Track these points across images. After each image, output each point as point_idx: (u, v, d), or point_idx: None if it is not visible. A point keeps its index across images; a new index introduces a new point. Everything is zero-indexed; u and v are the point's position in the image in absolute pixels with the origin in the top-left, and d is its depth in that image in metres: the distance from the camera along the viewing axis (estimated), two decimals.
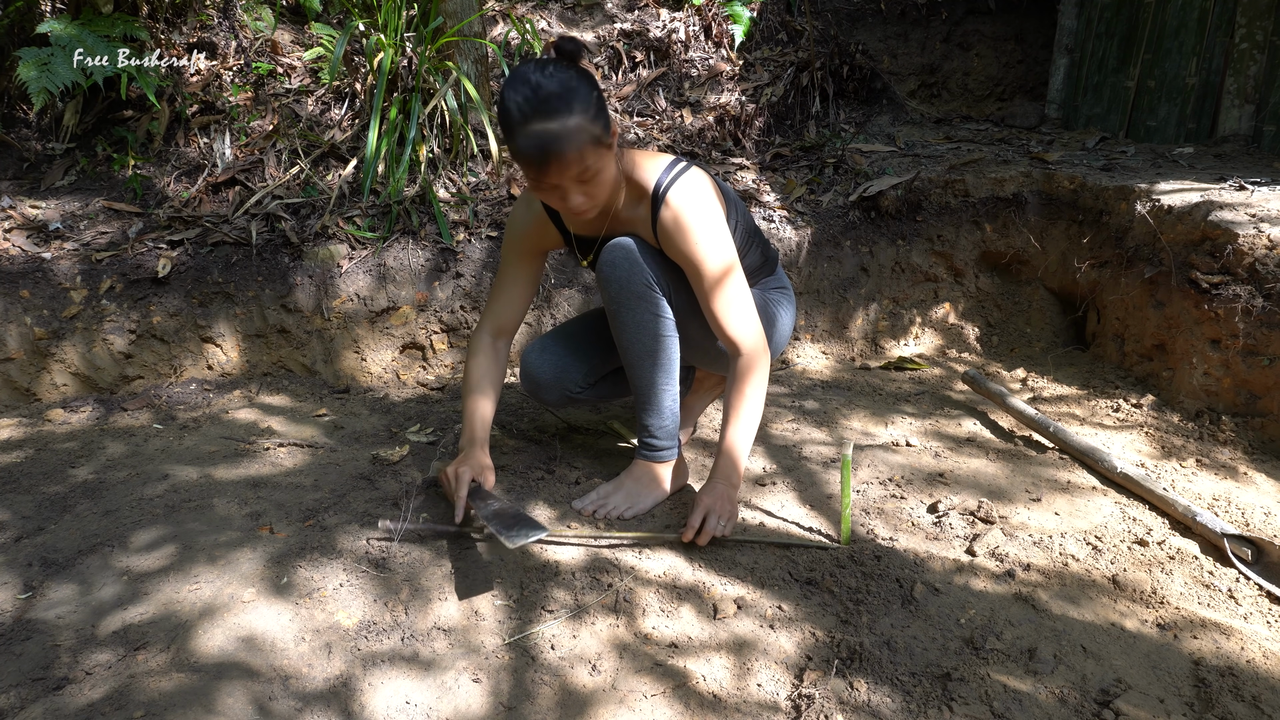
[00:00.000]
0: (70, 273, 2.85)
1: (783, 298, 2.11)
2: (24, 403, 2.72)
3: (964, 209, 3.24)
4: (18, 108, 3.35)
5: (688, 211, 1.72)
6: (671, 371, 1.86)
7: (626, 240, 1.78)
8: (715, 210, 1.77)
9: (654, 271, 1.78)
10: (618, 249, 1.77)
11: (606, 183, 1.64)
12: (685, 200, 1.73)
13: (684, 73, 3.98)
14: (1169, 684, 1.39)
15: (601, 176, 1.62)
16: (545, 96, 1.53)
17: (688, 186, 1.74)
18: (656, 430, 1.89)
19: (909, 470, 2.09)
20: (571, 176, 1.59)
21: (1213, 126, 3.70)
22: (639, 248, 1.77)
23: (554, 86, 1.54)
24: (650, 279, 1.77)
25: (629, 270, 1.76)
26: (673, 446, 1.92)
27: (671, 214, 1.72)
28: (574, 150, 1.55)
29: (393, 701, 1.36)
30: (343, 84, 3.49)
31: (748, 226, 1.96)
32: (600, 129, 1.59)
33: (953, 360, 3.10)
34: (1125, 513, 1.91)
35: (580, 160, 1.57)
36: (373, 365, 2.96)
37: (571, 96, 1.55)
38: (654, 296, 1.79)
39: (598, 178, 1.62)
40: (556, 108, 1.53)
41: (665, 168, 1.76)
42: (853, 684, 1.39)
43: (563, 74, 1.56)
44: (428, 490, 1.94)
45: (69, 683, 1.36)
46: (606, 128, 1.61)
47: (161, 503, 1.88)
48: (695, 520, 1.69)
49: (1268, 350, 2.30)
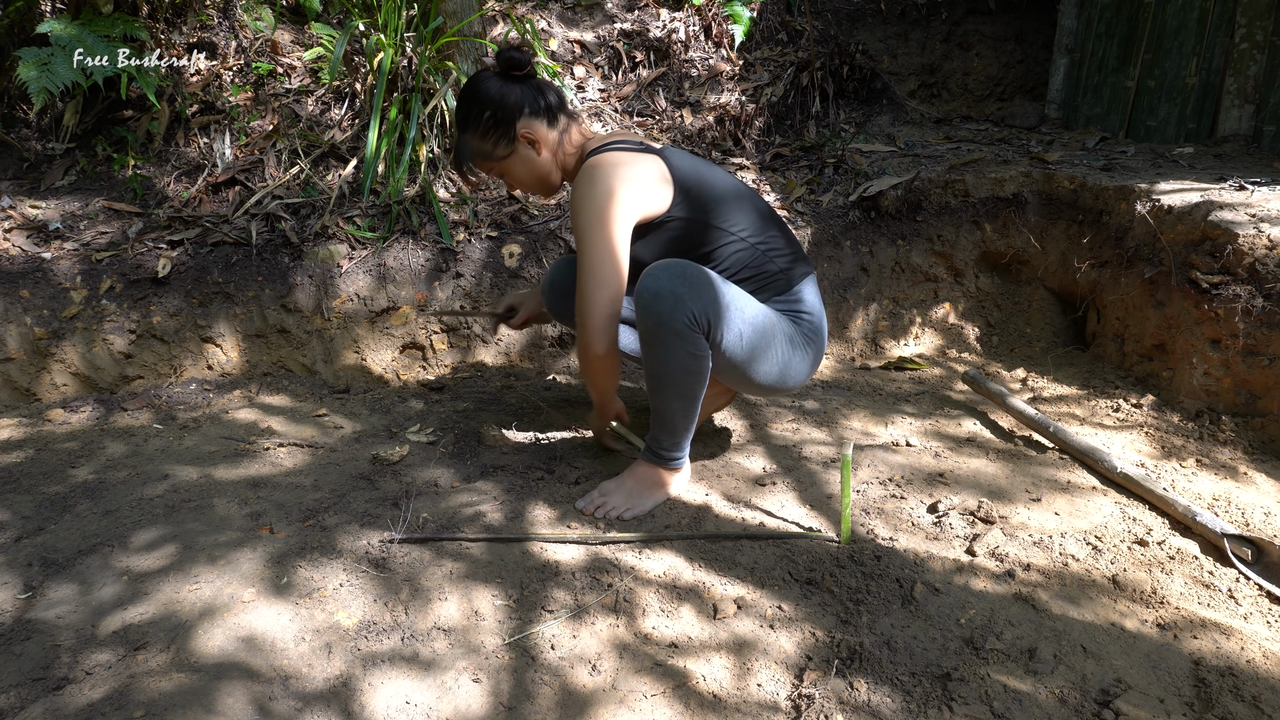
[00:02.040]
0: (70, 273, 2.85)
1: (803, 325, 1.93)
2: (24, 403, 2.72)
3: (964, 209, 3.24)
4: (18, 108, 3.35)
5: (581, 181, 1.81)
6: (694, 400, 1.82)
7: (684, 267, 1.72)
8: (611, 187, 1.75)
9: (707, 304, 1.71)
10: (671, 277, 1.71)
11: (521, 177, 1.94)
12: (586, 171, 1.81)
13: (684, 73, 3.98)
14: (1169, 684, 1.39)
15: (512, 175, 1.94)
16: (455, 109, 1.94)
17: (596, 163, 1.81)
18: (666, 444, 1.88)
19: (909, 470, 2.09)
20: (486, 172, 1.96)
21: (1213, 126, 3.70)
22: (698, 275, 1.72)
23: (461, 106, 1.90)
24: (693, 315, 1.70)
25: (673, 306, 1.69)
26: (680, 458, 1.91)
27: (575, 182, 1.86)
28: (466, 160, 1.93)
29: (393, 701, 1.36)
30: (343, 84, 3.49)
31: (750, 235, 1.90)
32: (490, 144, 1.88)
33: (953, 360, 3.10)
34: (1125, 513, 1.91)
35: (476, 168, 1.95)
36: (373, 365, 2.96)
37: (465, 118, 1.89)
38: (692, 334, 1.72)
39: (508, 175, 1.95)
40: (457, 122, 1.92)
41: (605, 144, 1.88)
42: (853, 684, 1.39)
43: (471, 90, 1.87)
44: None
45: (69, 683, 1.36)
46: (501, 142, 1.88)
47: (161, 503, 1.88)
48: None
49: (1268, 350, 2.30)
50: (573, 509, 1.88)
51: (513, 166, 1.92)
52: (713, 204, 1.88)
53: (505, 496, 1.94)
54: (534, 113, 1.89)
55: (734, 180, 1.97)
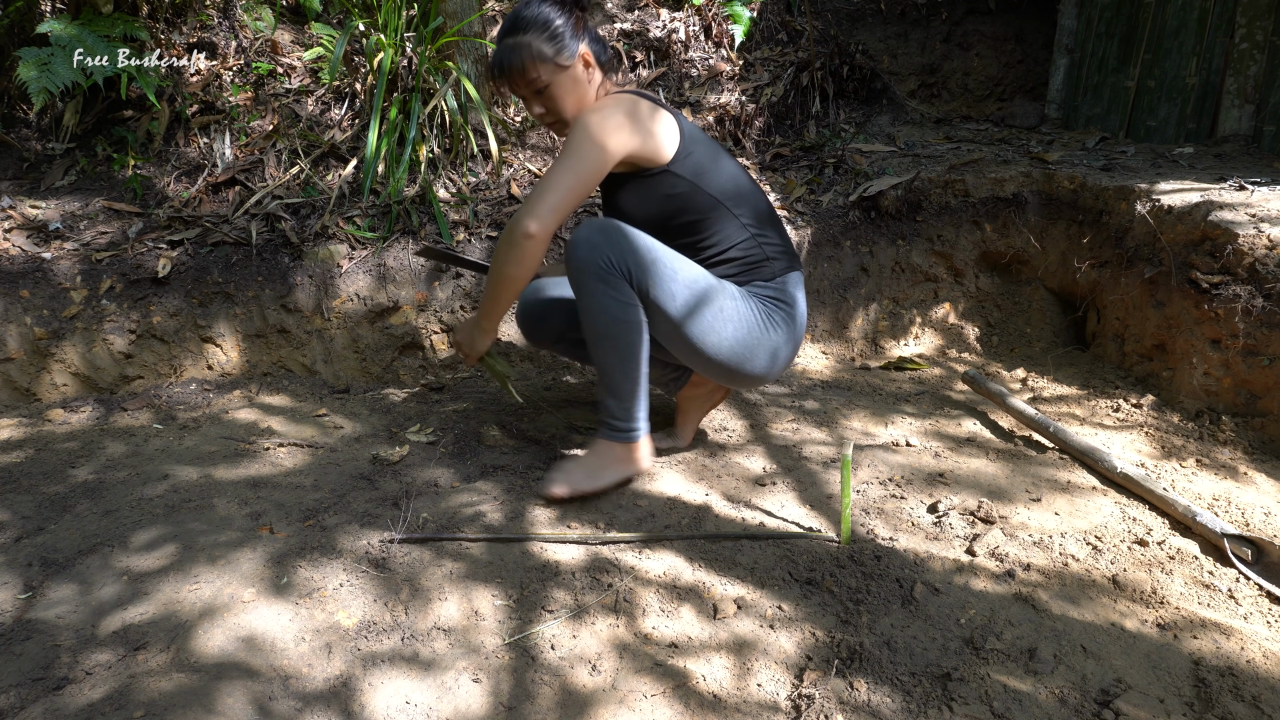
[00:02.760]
0: (70, 273, 2.85)
1: (773, 310, 1.93)
2: (24, 403, 2.72)
3: (964, 209, 3.24)
4: (18, 108, 3.35)
5: (593, 109, 1.82)
6: (633, 358, 1.83)
7: (605, 222, 1.80)
8: (611, 118, 1.80)
9: (625, 254, 1.77)
10: (590, 228, 1.80)
11: (562, 99, 1.87)
12: (600, 102, 1.85)
13: (684, 73, 3.98)
14: (1169, 684, 1.39)
15: (554, 91, 1.86)
16: (514, 18, 1.85)
17: (597, 107, 1.83)
18: (618, 413, 1.89)
19: (909, 470, 2.09)
20: (524, 86, 1.87)
21: (1213, 126, 3.70)
22: (617, 229, 1.79)
23: (526, 12, 1.85)
24: (610, 260, 1.76)
25: (589, 251, 1.77)
26: (634, 429, 1.90)
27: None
28: (519, 63, 1.83)
29: (393, 701, 1.36)
30: (343, 84, 3.49)
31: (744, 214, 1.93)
32: (554, 49, 1.83)
33: (953, 360, 3.10)
34: (1125, 513, 1.91)
35: (525, 73, 1.84)
36: (373, 365, 2.96)
37: (533, 21, 1.83)
38: (614, 279, 1.77)
39: (549, 91, 1.86)
40: (519, 27, 1.84)
41: (623, 90, 1.91)
42: (853, 684, 1.39)
43: (542, 7, 1.84)
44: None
45: (69, 683, 1.36)
46: (564, 51, 1.84)
47: (161, 503, 1.88)
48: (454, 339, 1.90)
49: (1268, 350, 2.30)
50: (571, 509, 1.88)
51: (563, 83, 1.86)
52: (718, 180, 1.90)
53: (505, 496, 1.94)
54: (593, 40, 1.92)
55: (744, 173, 1.98)
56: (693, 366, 1.95)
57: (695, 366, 1.94)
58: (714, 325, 1.85)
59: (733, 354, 1.89)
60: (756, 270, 1.94)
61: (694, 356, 1.89)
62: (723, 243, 1.91)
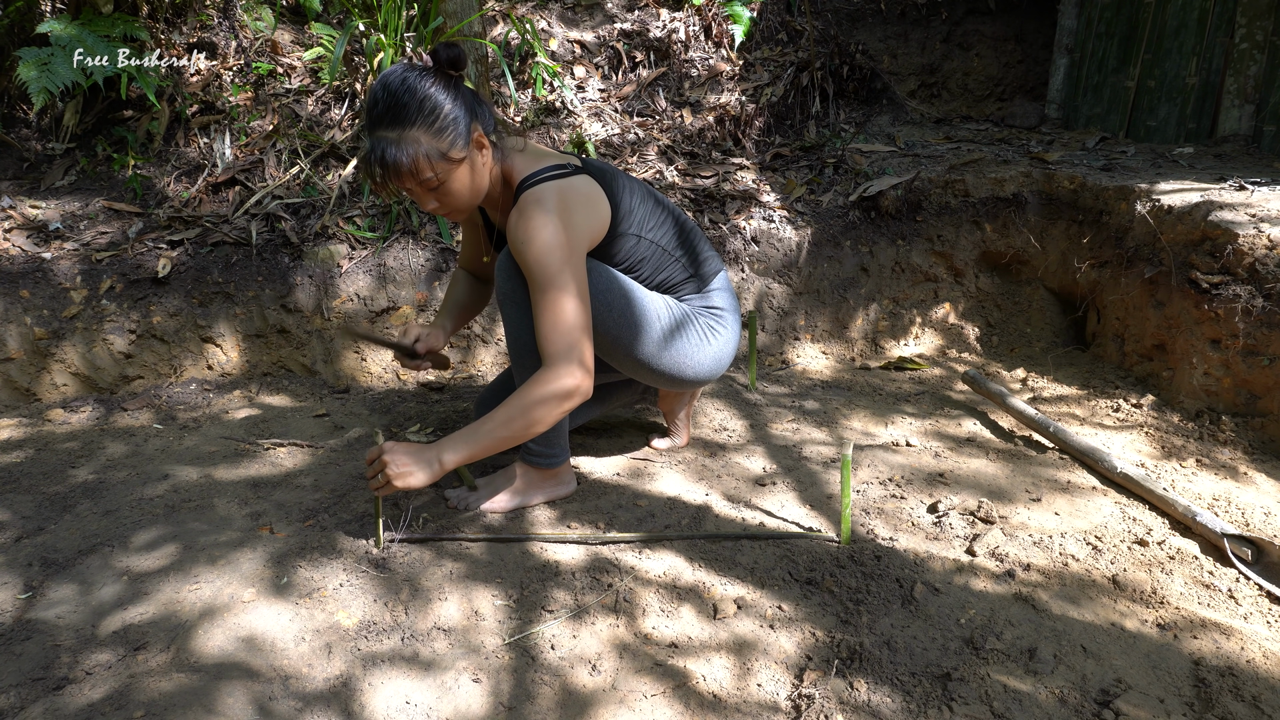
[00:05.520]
0: (70, 273, 2.85)
1: (711, 320, 1.95)
2: (24, 403, 2.72)
3: (964, 209, 3.24)
4: (18, 108, 3.35)
5: (528, 215, 1.66)
6: None
7: None
8: (559, 220, 1.67)
9: None
10: (505, 256, 1.76)
11: (460, 191, 1.68)
12: (532, 204, 1.67)
13: (684, 73, 3.98)
14: (1169, 684, 1.39)
15: (450, 187, 1.66)
16: (391, 104, 1.59)
17: (542, 191, 1.68)
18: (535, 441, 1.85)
19: (909, 470, 2.09)
20: (413, 185, 1.64)
21: (1213, 126, 3.70)
22: None
23: (405, 97, 1.59)
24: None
25: (510, 279, 1.74)
26: (554, 454, 1.87)
27: (515, 217, 1.69)
28: (407, 163, 1.59)
29: (393, 701, 1.36)
30: (343, 84, 3.49)
31: (665, 242, 1.89)
32: (447, 142, 1.62)
33: (953, 360, 3.11)
34: (1125, 513, 1.91)
35: (417, 174, 1.62)
36: (373, 365, 2.96)
37: (416, 110, 1.59)
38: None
39: (445, 187, 1.66)
40: (400, 118, 1.59)
41: (538, 170, 1.73)
42: (853, 684, 1.39)
43: (421, 84, 1.60)
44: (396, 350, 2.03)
45: (69, 683, 1.36)
46: (458, 143, 1.64)
47: (162, 503, 1.88)
48: (373, 455, 1.63)
49: (1268, 350, 2.30)
50: (571, 509, 1.88)
51: (460, 176, 1.67)
52: (651, 221, 1.87)
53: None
54: (478, 116, 1.70)
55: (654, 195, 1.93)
56: (625, 370, 1.92)
57: (625, 369, 1.91)
58: (640, 336, 1.82)
59: (674, 365, 1.89)
60: (684, 287, 1.95)
61: (639, 371, 1.89)
62: (655, 274, 1.90)
